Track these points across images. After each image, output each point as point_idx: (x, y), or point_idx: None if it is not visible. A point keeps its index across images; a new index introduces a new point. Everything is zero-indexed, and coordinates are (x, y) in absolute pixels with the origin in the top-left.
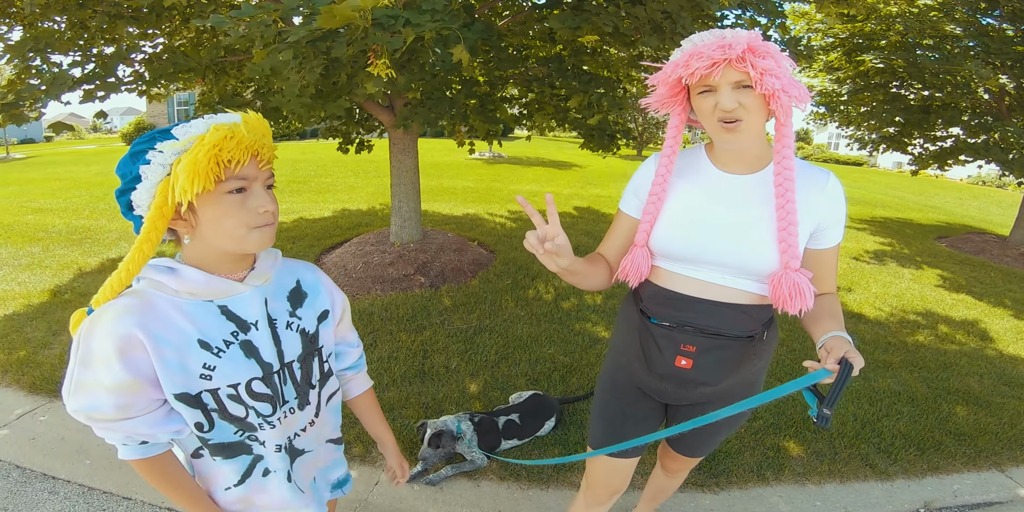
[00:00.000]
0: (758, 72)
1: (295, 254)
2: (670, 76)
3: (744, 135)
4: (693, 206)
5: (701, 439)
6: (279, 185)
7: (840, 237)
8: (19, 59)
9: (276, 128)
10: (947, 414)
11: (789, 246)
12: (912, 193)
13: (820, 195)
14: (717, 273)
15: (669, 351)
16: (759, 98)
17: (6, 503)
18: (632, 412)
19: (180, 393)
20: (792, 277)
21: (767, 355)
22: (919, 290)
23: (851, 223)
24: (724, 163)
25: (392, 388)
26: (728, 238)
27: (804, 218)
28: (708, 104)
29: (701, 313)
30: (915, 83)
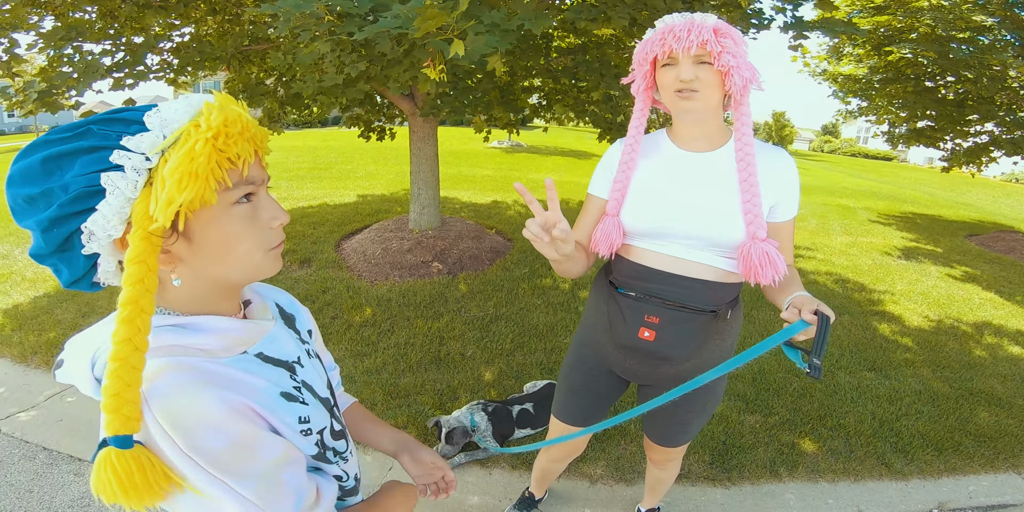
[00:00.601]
0: (718, 50)
1: (317, 239)
2: (648, 53)
3: (699, 105)
4: (657, 183)
5: (672, 427)
6: (300, 172)
7: (795, 211)
8: (52, 48)
9: (298, 116)
10: (968, 415)
11: (755, 217)
12: (943, 189)
13: (776, 171)
14: (685, 248)
15: (633, 321)
16: (716, 74)
17: (31, 484)
18: (596, 387)
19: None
20: (761, 246)
21: (731, 337)
22: (946, 288)
23: (878, 218)
24: (684, 141)
25: (408, 374)
26: (693, 212)
27: (764, 192)
28: (670, 76)
29: (667, 285)
30: (947, 76)
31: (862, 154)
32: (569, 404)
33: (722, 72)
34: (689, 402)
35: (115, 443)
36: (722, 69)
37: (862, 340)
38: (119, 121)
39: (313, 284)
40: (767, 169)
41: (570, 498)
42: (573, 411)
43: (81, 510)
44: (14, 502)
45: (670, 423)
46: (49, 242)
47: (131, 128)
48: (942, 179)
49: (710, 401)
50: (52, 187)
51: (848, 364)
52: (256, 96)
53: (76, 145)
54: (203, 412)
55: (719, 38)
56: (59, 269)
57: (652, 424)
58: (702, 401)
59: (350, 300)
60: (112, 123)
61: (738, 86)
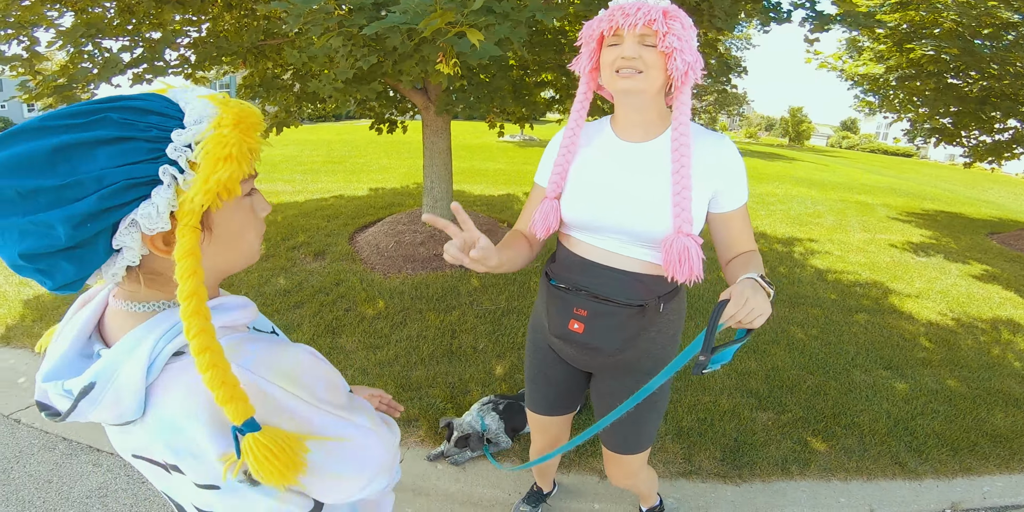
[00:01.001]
0: (664, 31)
1: (330, 232)
2: (595, 31)
3: (639, 85)
4: (594, 174)
5: (626, 428)
6: (315, 165)
7: (743, 199)
8: (72, 44)
9: (313, 110)
10: (985, 415)
11: (682, 210)
12: (964, 186)
13: (716, 159)
14: (616, 241)
15: (564, 313)
16: (660, 57)
17: (51, 475)
18: (551, 374)
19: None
20: (682, 241)
21: (668, 328)
22: (965, 287)
23: (898, 216)
24: (623, 130)
25: (420, 367)
26: (625, 204)
27: (702, 182)
28: (613, 54)
29: (595, 277)
30: (971, 72)
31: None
32: (532, 392)
33: (665, 55)
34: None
35: (247, 428)
36: (665, 50)
37: (879, 338)
38: (134, 110)
39: (327, 276)
40: (707, 157)
41: (580, 492)
42: (536, 400)
43: (99, 500)
44: (33, 493)
45: (622, 425)
46: (73, 238)
47: (150, 118)
48: (963, 176)
49: (659, 400)
50: (79, 180)
51: (864, 362)
52: (272, 91)
53: (95, 135)
54: (300, 363)
55: (667, 20)
56: (57, 269)
57: (606, 432)
58: (653, 397)
59: (363, 292)
60: (128, 112)
61: (679, 71)
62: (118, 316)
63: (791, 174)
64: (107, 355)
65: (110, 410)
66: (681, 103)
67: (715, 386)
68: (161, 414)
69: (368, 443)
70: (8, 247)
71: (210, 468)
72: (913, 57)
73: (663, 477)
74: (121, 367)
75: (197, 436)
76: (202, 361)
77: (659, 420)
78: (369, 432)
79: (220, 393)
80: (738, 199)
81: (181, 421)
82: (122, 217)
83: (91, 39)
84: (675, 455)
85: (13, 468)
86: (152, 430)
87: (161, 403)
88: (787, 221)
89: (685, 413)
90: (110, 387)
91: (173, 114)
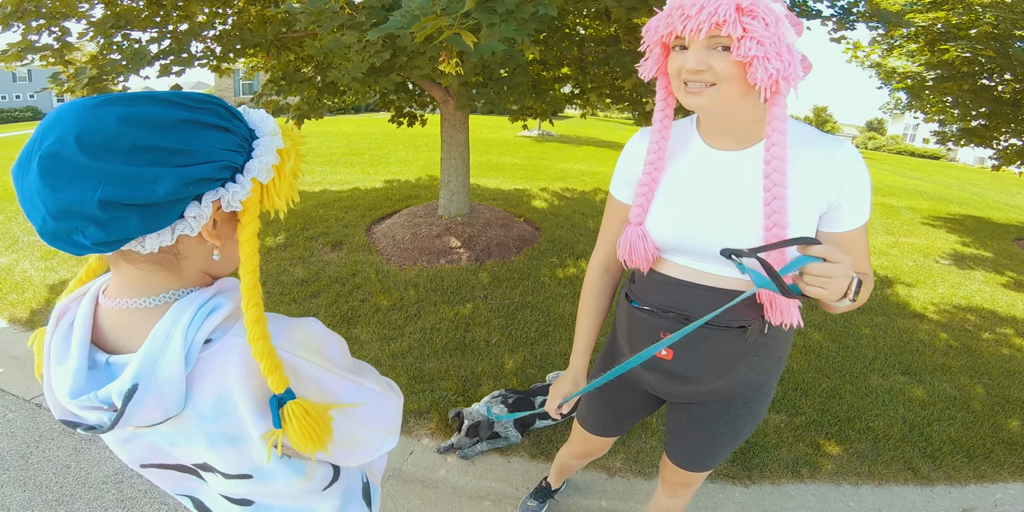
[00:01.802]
0: (738, 33)
1: (348, 223)
2: (656, 34)
3: (711, 102)
4: (682, 189)
5: (698, 449)
6: (334, 157)
7: (863, 218)
8: (102, 35)
9: (333, 103)
10: (1002, 422)
11: (774, 225)
12: (993, 190)
13: (829, 168)
14: (709, 263)
15: (648, 339)
16: (737, 65)
17: (69, 460)
18: (618, 401)
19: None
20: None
21: (773, 353)
22: (990, 293)
23: (923, 219)
24: (712, 137)
25: (432, 359)
26: (714, 223)
27: (810, 196)
28: (677, 63)
29: (684, 298)
30: (1005, 74)
31: (908, 152)
32: (588, 410)
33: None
34: (725, 423)
35: (287, 396)
36: (741, 59)
37: (898, 343)
38: (228, 109)
39: (343, 267)
40: (816, 166)
41: (587, 490)
42: (588, 419)
43: (115, 486)
44: (51, 477)
45: (697, 444)
46: (171, 195)
47: (239, 119)
48: (992, 179)
49: (748, 425)
50: (192, 149)
51: (882, 366)
52: (295, 83)
53: (210, 119)
54: (315, 334)
55: (743, 17)
56: (120, 222)
57: (676, 444)
58: (740, 423)
59: (379, 284)
60: (226, 109)
61: (764, 82)
62: (123, 315)
63: None
64: (141, 354)
65: (155, 409)
66: (774, 117)
67: None
68: (202, 402)
69: (381, 406)
70: (82, 190)
71: (246, 453)
72: (946, 58)
73: None
74: (160, 363)
75: (241, 416)
76: (255, 331)
77: (736, 446)
78: (380, 395)
79: (266, 362)
80: (858, 217)
81: (224, 404)
82: (206, 191)
83: (120, 31)
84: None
85: (32, 452)
86: (191, 422)
87: (201, 391)
88: None
89: None
90: (152, 386)
91: (244, 121)
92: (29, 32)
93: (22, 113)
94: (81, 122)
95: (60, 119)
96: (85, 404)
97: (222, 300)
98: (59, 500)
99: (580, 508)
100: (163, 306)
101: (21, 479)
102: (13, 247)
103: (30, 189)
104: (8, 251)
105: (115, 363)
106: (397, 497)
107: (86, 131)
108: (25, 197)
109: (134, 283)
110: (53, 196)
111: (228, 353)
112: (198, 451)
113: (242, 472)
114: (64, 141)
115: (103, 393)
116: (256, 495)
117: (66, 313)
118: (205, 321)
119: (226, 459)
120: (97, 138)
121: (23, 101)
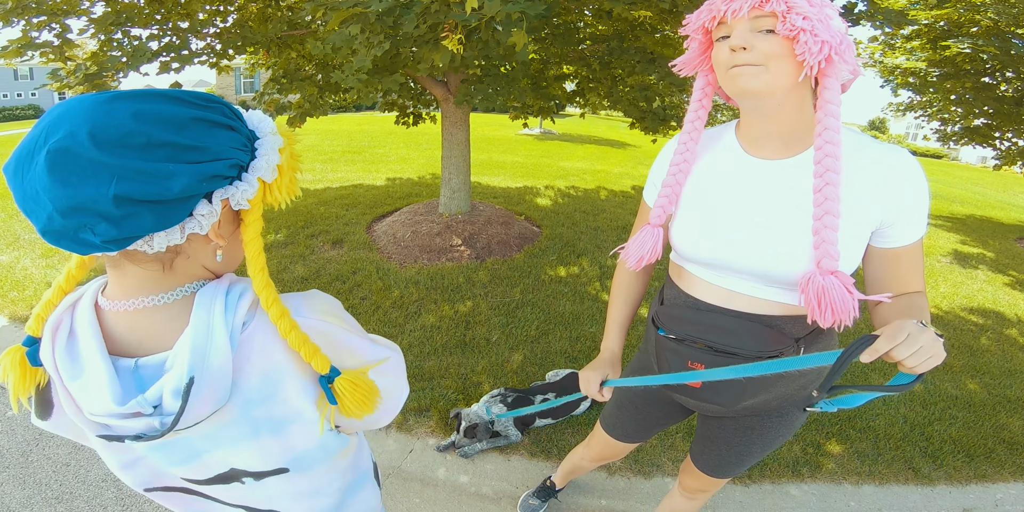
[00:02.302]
0: (782, 9)
1: (348, 221)
2: (697, 22)
3: (759, 83)
4: (713, 198)
5: (728, 458)
6: (335, 155)
7: (920, 232)
8: (102, 32)
9: (335, 101)
10: (1004, 422)
11: (824, 242)
12: (995, 189)
13: (884, 178)
14: (742, 280)
15: (676, 368)
16: (785, 44)
17: (69, 458)
18: (647, 409)
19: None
20: (819, 281)
21: (811, 371)
22: (992, 292)
23: None
24: (753, 143)
25: (433, 357)
26: (753, 238)
27: (862, 209)
28: (723, 49)
29: (714, 327)
30: (1007, 72)
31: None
32: (613, 416)
33: (791, 39)
34: (757, 435)
35: (333, 373)
36: (788, 34)
37: None
38: (232, 109)
39: (344, 265)
40: (871, 176)
41: (588, 489)
42: (614, 425)
43: (114, 484)
44: (50, 475)
45: (726, 454)
46: (185, 191)
47: (241, 119)
48: (994, 179)
49: (781, 437)
50: (204, 146)
51: (882, 365)
52: (296, 81)
53: (219, 118)
54: (328, 301)
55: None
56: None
57: (703, 451)
58: (772, 435)
59: (379, 281)
60: (231, 109)
61: (814, 56)
62: (140, 316)
63: None
64: (188, 346)
65: (208, 401)
66: (827, 102)
67: None
68: (249, 387)
69: (396, 359)
70: (95, 186)
71: (288, 440)
72: (948, 55)
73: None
74: (209, 352)
75: (288, 392)
76: (284, 325)
77: (764, 455)
78: (389, 349)
79: (305, 350)
80: (913, 232)
81: (271, 383)
82: (216, 189)
83: (121, 27)
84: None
85: (32, 451)
86: (235, 412)
87: (247, 375)
88: None
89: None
90: (206, 376)
91: (244, 121)
92: (30, 29)
93: (24, 111)
94: (95, 118)
95: (69, 114)
96: (130, 410)
97: (244, 285)
98: (58, 498)
99: (580, 507)
100: (183, 300)
101: (21, 477)
102: (14, 245)
103: (34, 186)
104: (9, 249)
105: (147, 365)
106: (396, 495)
107: (100, 127)
108: (27, 195)
109: (143, 283)
110: (64, 192)
111: (266, 331)
112: (230, 452)
113: (278, 466)
114: (76, 136)
115: (152, 395)
116: (283, 498)
117: (60, 326)
118: (238, 305)
119: (265, 452)
120: (111, 133)
121: (24, 99)
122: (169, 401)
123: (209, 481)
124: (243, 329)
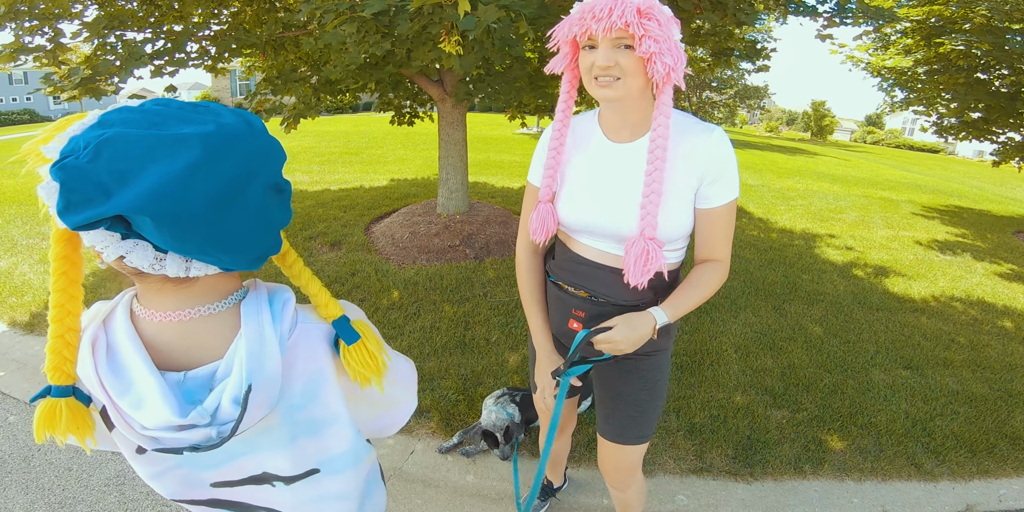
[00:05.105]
0: (640, 33)
1: (347, 222)
2: (567, 34)
3: (618, 93)
4: (584, 177)
5: (625, 412)
6: (332, 156)
7: (730, 195)
8: (96, 36)
9: (331, 102)
10: (1006, 417)
11: (647, 214)
12: (992, 183)
13: (700, 149)
14: (608, 242)
15: (563, 312)
16: (638, 61)
17: (71, 463)
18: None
19: None
20: (641, 244)
21: (673, 324)
22: (991, 286)
23: (922, 212)
24: (610, 130)
25: (432, 358)
26: (607, 207)
27: (685, 178)
28: (588, 60)
29: (592, 279)
30: (1001, 68)
31: (907, 146)
32: (532, 371)
33: (644, 59)
34: (638, 379)
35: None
36: (643, 55)
37: (899, 337)
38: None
39: (342, 266)
40: (690, 149)
41: (589, 487)
42: (532, 384)
43: (116, 488)
44: (53, 480)
45: (623, 407)
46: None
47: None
48: (991, 173)
49: (658, 381)
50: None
51: (883, 361)
52: (290, 82)
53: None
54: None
55: (643, 20)
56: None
57: (605, 415)
58: (651, 378)
59: (378, 283)
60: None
61: (660, 74)
62: (191, 326)
63: (813, 169)
64: (243, 355)
65: (261, 407)
66: (662, 103)
67: (729, 383)
68: (293, 392)
69: (410, 370)
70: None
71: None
72: (942, 51)
73: (673, 473)
74: (264, 360)
75: (329, 394)
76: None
77: (661, 406)
78: (406, 360)
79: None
80: (725, 194)
81: (314, 387)
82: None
83: (114, 31)
84: (687, 452)
85: (34, 456)
86: (279, 417)
87: (291, 380)
88: (808, 217)
89: (698, 409)
90: (261, 383)
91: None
92: (23, 33)
93: (19, 116)
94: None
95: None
96: (190, 422)
97: (283, 292)
98: (61, 503)
99: (581, 506)
100: (232, 309)
101: (23, 482)
102: (12, 250)
103: (189, 159)
104: (7, 254)
105: (195, 377)
106: (398, 497)
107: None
108: (152, 146)
109: (195, 295)
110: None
111: (309, 338)
112: (267, 456)
113: (310, 468)
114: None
115: (210, 404)
116: (310, 502)
117: (96, 341)
118: (283, 314)
119: (300, 454)
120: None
121: (19, 103)
122: (227, 409)
123: (241, 482)
124: (289, 336)
